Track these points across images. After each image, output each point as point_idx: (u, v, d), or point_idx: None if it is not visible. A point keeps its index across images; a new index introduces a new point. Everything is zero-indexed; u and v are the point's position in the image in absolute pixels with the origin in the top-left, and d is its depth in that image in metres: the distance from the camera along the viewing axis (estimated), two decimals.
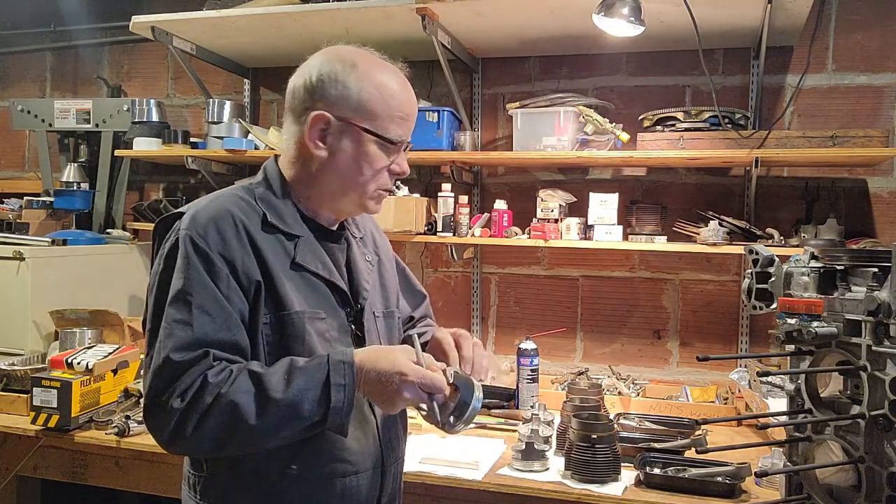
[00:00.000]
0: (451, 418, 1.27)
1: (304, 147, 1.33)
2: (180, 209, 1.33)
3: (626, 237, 2.60)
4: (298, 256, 1.32)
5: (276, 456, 1.27)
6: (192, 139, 3.10)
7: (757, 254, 1.38)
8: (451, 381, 1.29)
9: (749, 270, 1.40)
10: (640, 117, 2.61)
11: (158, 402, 1.19)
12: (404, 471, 1.91)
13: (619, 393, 2.61)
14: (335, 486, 1.32)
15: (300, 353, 1.26)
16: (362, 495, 1.36)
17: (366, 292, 1.42)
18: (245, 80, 3.31)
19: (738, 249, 2.43)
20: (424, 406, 1.26)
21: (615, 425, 2.01)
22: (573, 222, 2.60)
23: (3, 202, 3.45)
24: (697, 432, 2.08)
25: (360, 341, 1.37)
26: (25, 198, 3.35)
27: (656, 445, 2.05)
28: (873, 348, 1.14)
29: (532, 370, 2.54)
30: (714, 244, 2.42)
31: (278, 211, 1.34)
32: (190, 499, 1.35)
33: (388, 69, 1.42)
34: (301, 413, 1.19)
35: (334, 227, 1.43)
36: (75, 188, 3.24)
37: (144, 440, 2.17)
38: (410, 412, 1.48)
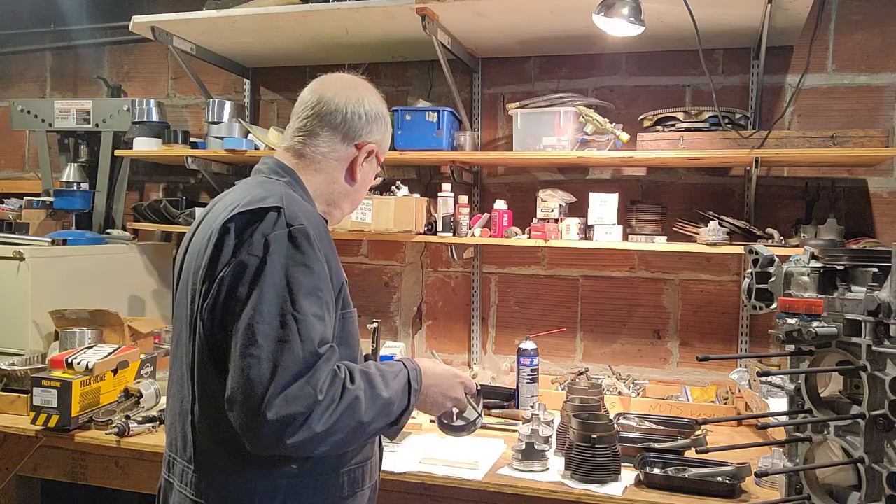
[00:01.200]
0: (468, 424, 1.55)
1: (350, 169, 1.48)
2: (263, 204, 1.28)
3: (626, 237, 2.60)
4: (340, 258, 1.43)
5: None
6: (192, 139, 3.10)
7: (757, 254, 1.38)
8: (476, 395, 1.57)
9: (749, 270, 1.40)
10: (640, 117, 2.61)
11: (294, 396, 1.16)
12: (405, 470, 1.96)
13: (619, 393, 2.61)
14: (361, 471, 1.40)
15: (355, 347, 1.39)
16: (372, 477, 1.46)
17: None
18: (245, 80, 3.31)
19: (738, 249, 2.43)
20: (456, 410, 1.51)
21: (615, 425, 2.01)
22: (573, 222, 2.60)
23: (3, 202, 3.45)
24: (697, 432, 2.08)
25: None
26: (25, 198, 3.35)
27: (656, 445, 2.05)
28: (873, 348, 1.14)
29: (532, 370, 2.54)
30: (714, 244, 2.41)
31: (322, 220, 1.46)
32: (187, 495, 1.34)
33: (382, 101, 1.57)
34: (392, 413, 1.31)
35: None
36: (75, 188, 3.24)
37: (144, 440, 2.17)
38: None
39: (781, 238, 2.48)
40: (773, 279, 1.36)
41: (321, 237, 1.31)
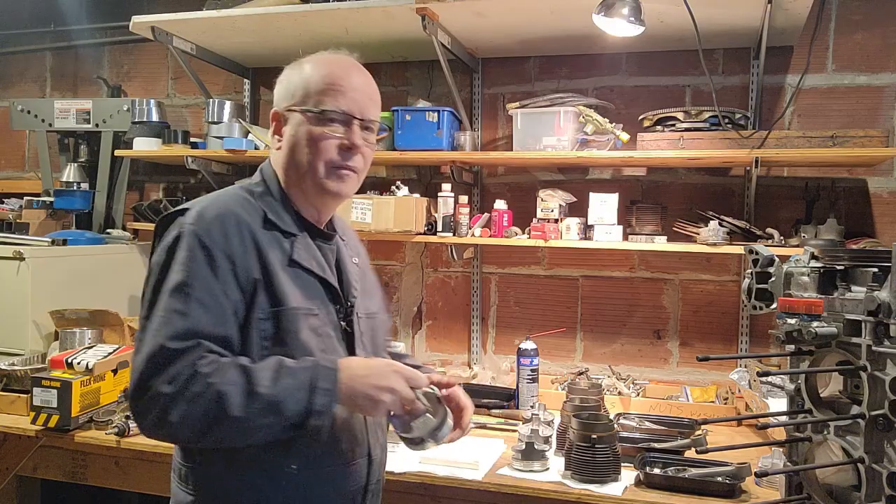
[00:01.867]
0: (428, 433, 1.35)
1: (275, 147, 1.44)
2: (183, 206, 1.36)
3: (626, 237, 2.60)
4: (295, 254, 1.37)
5: (270, 448, 1.30)
6: (192, 139, 3.10)
7: (757, 254, 1.38)
8: (436, 398, 1.37)
9: (749, 270, 1.40)
10: (640, 117, 2.61)
11: (146, 387, 1.22)
12: (405, 470, 1.93)
13: (619, 393, 2.61)
14: (327, 476, 1.35)
15: (294, 348, 1.30)
16: (352, 484, 1.40)
17: (355, 290, 1.47)
18: (245, 80, 3.31)
19: (738, 249, 2.43)
20: (403, 413, 1.32)
21: (615, 425, 2.01)
22: (573, 222, 2.60)
23: (3, 202, 3.45)
24: (697, 432, 2.08)
25: (349, 337, 1.43)
26: (25, 198, 3.35)
27: (656, 445, 2.05)
28: (873, 348, 1.14)
29: (532, 370, 2.54)
30: (714, 244, 2.41)
31: (276, 210, 1.40)
32: (180, 490, 1.37)
33: (331, 57, 1.45)
34: (284, 411, 1.22)
35: (324, 227, 1.48)
36: (75, 188, 3.24)
37: (144, 440, 2.15)
38: None
39: (781, 238, 2.48)
40: (773, 279, 1.36)
41: (223, 235, 1.30)
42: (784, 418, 1.34)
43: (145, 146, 3.06)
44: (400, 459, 2.00)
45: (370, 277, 1.60)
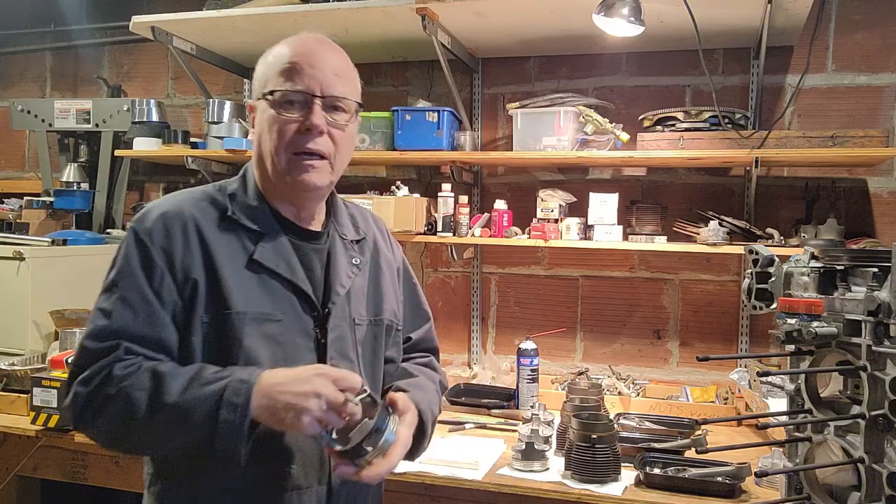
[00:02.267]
0: (365, 437, 1.15)
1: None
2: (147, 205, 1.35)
3: (626, 237, 2.60)
4: (257, 254, 1.28)
5: (217, 465, 1.19)
6: (192, 139, 3.10)
7: (757, 254, 1.38)
8: (374, 402, 1.18)
9: (749, 270, 1.40)
10: (640, 117, 2.61)
11: (69, 387, 1.22)
12: (405, 471, 1.91)
13: (619, 393, 2.61)
14: (277, 500, 1.25)
15: (237, 355, 1.22)
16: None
17: (337, 296, 1.34)
18: (245, 80, 3.31)
19: (738, 249, 2.43)
20: (336, 420, 1.13)
21: (615, 425, 2.01)
22: (573, 222, 2.60)
23: (3, 202, 3.45)
24: (697, 432, 2.08)
25: (321, 348, 1.31)
26: (25, 198, 3.35)
27: (656, 445, 2.05)
28: (873, 348, 1.14)
29: (532, 370, 2.54)
30: (714, 244, 2.41)
31: (245, 208, 1.32)
32: (147, 501, 1.33)
33: (296, 37, 1.33)
34: (190, 423, 1.14)
35: (312, 226, 1.38)
36: (75, 188, 3.24)
37: None
38: None
39: (781, 238, 2.48)
40: (773, 279, 1.36)
41: (164, 234, 1.24)
42: (784, 418, 1.34)
43: (145, 146, 3.06)
44: None
45: (388, 280, 1.48)
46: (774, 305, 1.34)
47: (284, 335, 1.26)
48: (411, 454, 1.33)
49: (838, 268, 1.28)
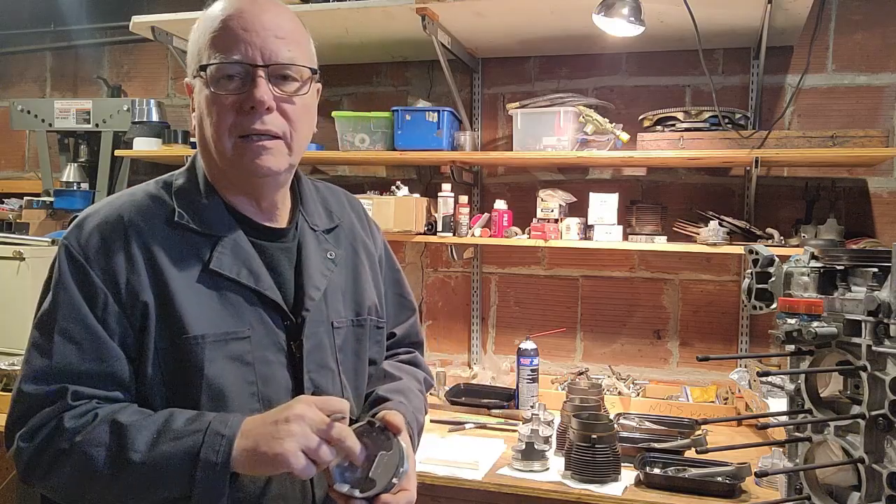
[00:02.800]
0: (392, 471, 1.04)
1: (190, 127, 1.19)
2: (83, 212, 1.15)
3: (626, 237, 2.60)
4: (214, 262, 1.09)
5: None
6: (191, 139, 3.10)
7: (757, 254, 1.38)
8: (375, 427, 1.07)
9: (749, 270, 1.40)
10: (640, 117, 2.61)
11: (11, 439, 1.05)
12: None
13: (619, 393, 2.61)
14: None
15: (199, 386, 1.06)
16: None
17: (311, 301, 1.17)
18: None
19: (738, 249, 2.43)
20: (323, 458, 0.99)
21: (615, 425, 2.01)
22: (573, 222, 2.60)
23: (3, 202, 3.45)
24: (697, 432, 2.08)
25: (296, 362, 1.14)
26: (25, 198, 3.35)
27: (656, 445, 2.05)
28: (873, 348, 1.14)
29: (532, 370, 2.54)
30: (714, 244, 2.41)
31: (195, 207, 1.13)
32: None
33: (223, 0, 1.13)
34: (161, 483, 0.99)
35: (276, 221, 1.20)
36: (75, 188, 3.24)
37: None
38: None
39: (781, 238, 2.48)
40: (773, 279, 1.36)
41: (102, 249, 1.07)
42: (784, 418, 1.34)
43: (145, 146, 3.06)
44: None
45: (368, 270, 1.31)
46: (774, 305, 1.34)
47: (254, 352, 1.10)
48: None
49: (838, 268, 1.28)
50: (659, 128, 2.53)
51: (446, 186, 2.76)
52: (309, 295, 1.17)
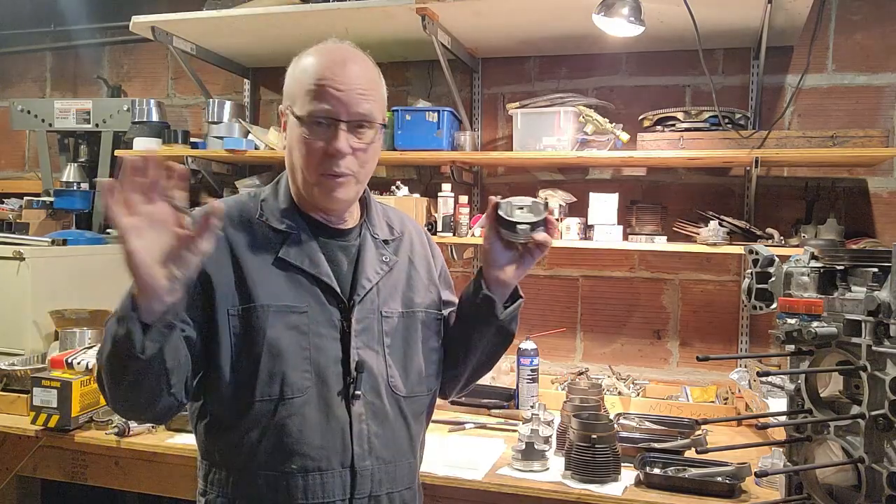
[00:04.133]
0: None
1: (281, 147, 1.47)
2: None
3: (626, 237, 2.60)
4: (283, 252, 1.36)
5: (239, 445, 1.31)
6: (192, 139, 3.10)
7: (757, 254, 1.38)
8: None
9: (749, 270, 1.40)
10: (640, 117, 2.61)
11: None
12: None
13: (619, 393, 2.61)
14: (296, 480, 1.31)
15: (261, 344, 1.31)
16: (326, 494, 1.32)
17: (362, 289, 1.40)
18: (245, 80, 3.31)
19: (738, 249, 2.43)
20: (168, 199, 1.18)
21: (615, 425, 2.01)
22: (573, 222, 2.60)
23: (3, 202, 3.45)
24: (697, 432, 2.08)
25: (346, 336, 1.37)
26: (25, 198, 3.35)
27: (656, 445, 2.05)
28: (873, 348, 1.14)
29: (532, 370, 2.54)
30: (714, 244, 2.41)
31: (274, 210, 1.40)
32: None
33: (321, 49, 1.37)
34: (106, 344, 1.21)
35: (343, 225, 1.44)
36: (75, 188, 3.24)
37: (144, 440, 2.17)
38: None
39: (781, 238, 2.48)
40: (773, 279, 1.36)
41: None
42: (784, 418, 1.34)
43: (145, 146, 3.06)
44: None
45: (422, 274, 1.52)
46: (774, 305, 1.34)
47: (310, 325, 1.34)
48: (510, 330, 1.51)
49: (838, 268, 1.28)
50: (659, 128, 2.53)
51: (446, 186, 2.76)
52: (361, 284, 1.40)
